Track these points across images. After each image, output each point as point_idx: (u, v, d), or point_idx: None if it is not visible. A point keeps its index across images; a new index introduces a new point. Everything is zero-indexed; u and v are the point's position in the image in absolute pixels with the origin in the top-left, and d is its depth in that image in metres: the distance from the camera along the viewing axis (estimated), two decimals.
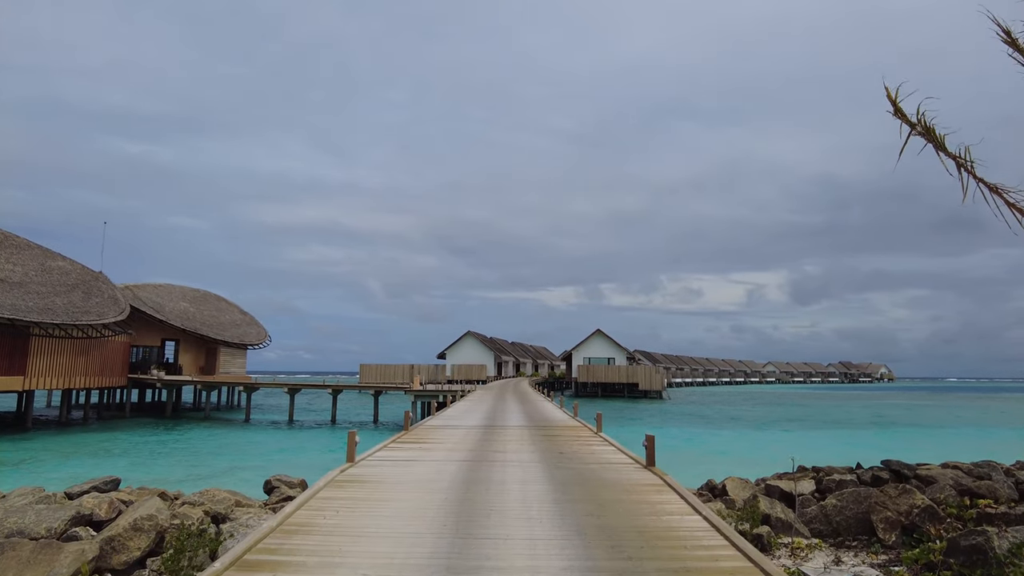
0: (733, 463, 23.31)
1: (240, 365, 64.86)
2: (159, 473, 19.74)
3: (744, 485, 10.59)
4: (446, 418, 16.81)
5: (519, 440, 11.79)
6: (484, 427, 14.46)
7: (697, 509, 6.33)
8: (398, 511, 6.29)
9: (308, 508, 6.36)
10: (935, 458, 16.00)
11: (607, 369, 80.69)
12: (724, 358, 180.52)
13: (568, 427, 14.62)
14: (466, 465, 8.88)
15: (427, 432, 13.03)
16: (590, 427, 14.27)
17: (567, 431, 13.74)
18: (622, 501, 6.76)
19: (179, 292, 64.43)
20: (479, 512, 6.28)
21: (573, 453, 10.16)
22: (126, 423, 39.82)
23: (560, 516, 6.16)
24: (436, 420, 15.95)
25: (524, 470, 8.47)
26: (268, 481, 11.32)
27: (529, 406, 23.28)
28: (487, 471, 8.39)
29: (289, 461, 22.83)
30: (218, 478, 18.04)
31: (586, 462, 9.25)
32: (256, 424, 41.27)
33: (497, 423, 15.48)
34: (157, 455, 24.87)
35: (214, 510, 8.44)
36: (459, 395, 29.27)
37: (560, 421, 16.29)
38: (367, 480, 7.65)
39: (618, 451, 10.41)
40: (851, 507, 8.69)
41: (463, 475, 8.07)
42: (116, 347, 45.84)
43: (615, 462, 9.26)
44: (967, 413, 59.49)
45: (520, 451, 10.36)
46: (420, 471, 8.34)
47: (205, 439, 31.19)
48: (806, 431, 38.93)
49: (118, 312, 47.19)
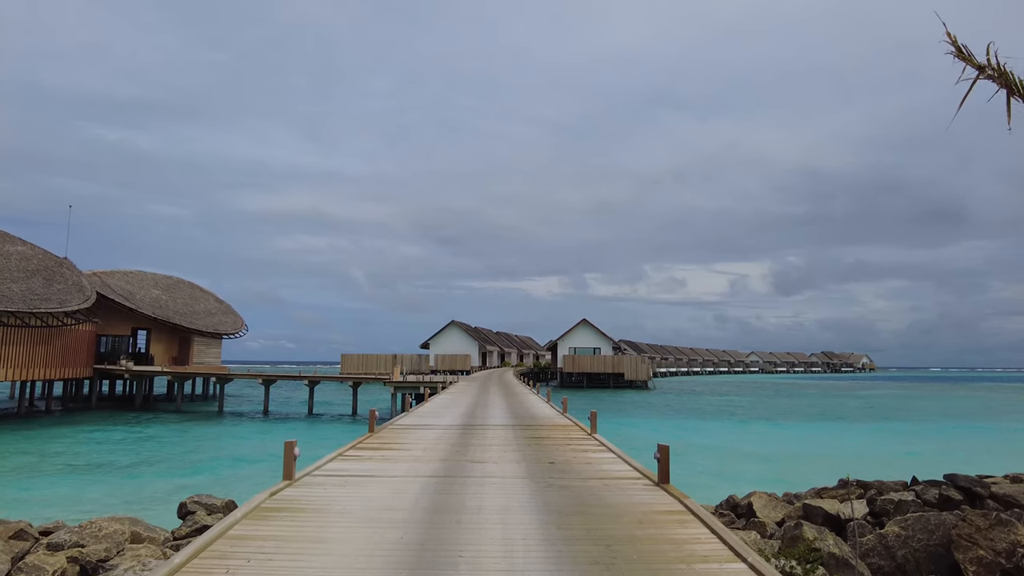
0: (735, 460, 21.84)
1: (215, 355, 62.60)
2: (90, 481, 17.66)
3: (774, 504, 8.84)
4: (421, 415, 15.08)
5: (502, 445, 10.09)
6: (463, 427, 12.75)
7: (739, 553, 4.67)
8: (336, 559, 4.57)
9: (209, 554, 4.61)
10: (967, 463, 14.61)
11: (593, 359, 79.29)
12: (708, 348, 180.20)
13: (557, 426, 12.94)
14: (434, 483, 7.13)
15: (395, 434, 11.27)
16: (582, 426, 12.60)
17: (557, 431, 12.05)
18: (636, 539, 5.07)
19: (151, 279, 61.90)
20: (444, 560, 4.57)
21: (566, 464, 8.46)
22: (89, 416, 37.64)
23: (556, 565, 4.47)
24: (409, 418, 14.20)
25: (506, 491, 6.74)
26: (183, 504, 9.10)
27: (514, 400, 21.62)
28: (460, 492, 6.64)
29: (251, 461, 20.99)
30: (149, 487, 16.02)
31: (583, 477, 7.55)
32: (229, 417, 39.29)
33: (478, 421, 13.77)
34: (103, 454, 22.76)
35: (87, 555, 6.50)
36: (440, 387, 27.52)
37: (548, 419, 14.61)
38: (303, 508, 5.89)
39: (620, 460, 8.72)
40: (920, 537, 6.99)
41: (428, 499, 6.32)
42: (80, 336, 43.52)
43: (619, 476, 7.57)
44: (968, 405, 58.70)
45: (502, 460, 8.64)
46: (375, 493, 6.58)
47: (169, 434, 29.21)
48: (804, 424, 37.54)
49: (82, 299, 44.83)
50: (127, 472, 19.24)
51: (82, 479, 18.10)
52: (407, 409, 17.07)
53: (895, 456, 23.78)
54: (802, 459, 23.01)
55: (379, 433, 11.27)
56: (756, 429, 34.50)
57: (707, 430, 33.37)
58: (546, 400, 20.40)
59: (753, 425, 36.73)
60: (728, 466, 20.55)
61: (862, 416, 44.53)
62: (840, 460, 22.62)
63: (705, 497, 11.95)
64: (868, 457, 23.58)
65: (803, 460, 22.75)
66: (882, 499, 8.73)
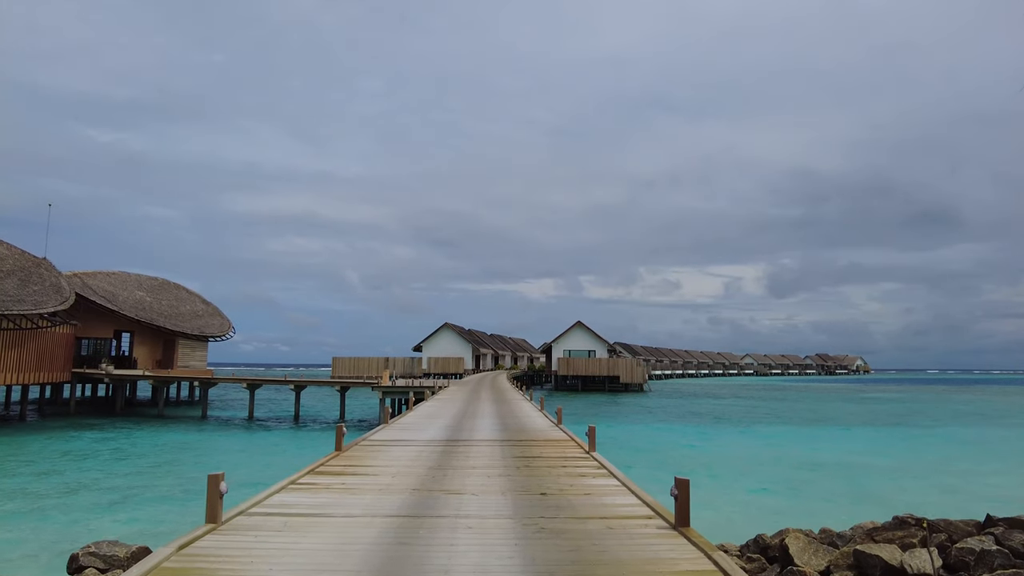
0: (746, 472, 20.37)
1: (201, 358, 61.00)
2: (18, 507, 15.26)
3: (815, 547, 7.18)
4: (401, 427, 13.66)
5: (487, 467, 8.67)
6: (446, 443, 11.35)
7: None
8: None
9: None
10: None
11: (588, 362, 77.95)
12: (702, 350, 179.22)
13: (551, 442, 11.53)
14: (396, 527, 5.68)
15: (366, 453, 9.86)
16: (579, 442, 11.21)
17: (550, 448, 10.66)
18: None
19: (135, 281, 60.28)
20: None
21: (561, 495, 7.03)
22: (63, 423, 36.04)
23: None
24: (386, 431, 12.77)
25: (484, 539, 5.28)
26: (75, 557, 7.14)
27: (505, 407, 20.22)
28: (425, 542, 5.21)
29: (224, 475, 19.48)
30: (61, 520, 12.97)
31: (582, 515, 6.13)
32: (212, 422, 37.77)
33: (463, 436, 12.36)
34: (31, 475, 19.32)
35: None
36: (428, 393, 26.11)
37: (541, 431, 13.20)
38: (214, 570, 4.48)
39: (625, 490, 7.29)
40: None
41: (383, 555, 4.87)
42: (58, 339, 41.89)
43: (626, 515, 6.15)
44: (982, 408, 57.50)
45: (485, 491, 7.20)
46: (318, 543, 5.15)
47: (140, 442, 27.67)
48: (814, 429, 36.06)
49: (59, 301, 43.24)
50: (46, 499, 15.89)
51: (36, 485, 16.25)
52: (391, 418, 15.58)
53: (931, 470, 22.12)
54: (821, 471, 21.57)
55: (348, 452, 9.85)
56: (763, 435, 33.11)
57: (710, 437, 31.99)
58: (539, 408, 19.01)
59: (759, 431, 35.36)
60: (739, 480, 19.17)
61: (877, 420, 43.22)
62: (866, 472, 21.27)
63: (724, 531, 10.56)
64: (900, 470, 22.07)
65: (822, 472, 21.33)
66: (957, 548, 7.07)
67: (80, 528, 12.58)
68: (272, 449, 25.97)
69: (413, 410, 18.56)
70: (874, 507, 14.64)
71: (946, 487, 18.58)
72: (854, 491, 17.76)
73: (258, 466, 21.28)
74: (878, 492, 17.50)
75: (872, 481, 19.55)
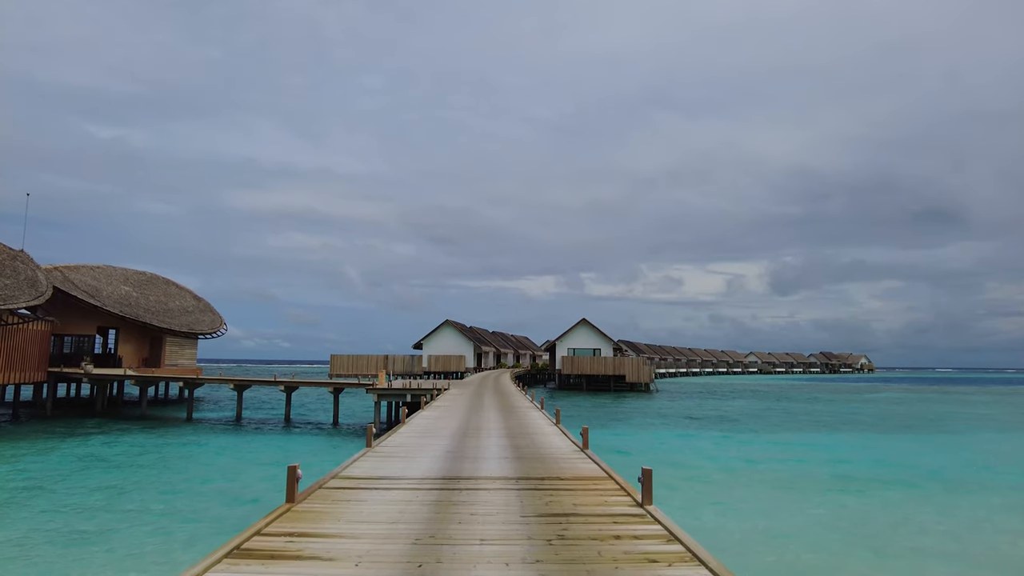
0: (802, 499, 17.59)
1: (190, 356, 58.40)
2: None
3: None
4: (387, 452, 10.94)
5: (501, 543, 5.79)
6: (440, 482, 8.60)
7: None
8: None
9: None
10: None
11: (593, 361, 75.27)
12: (706, 348, 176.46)
13: (583, 481, 8.74)
14: None
15: (327, 508, 7.08)
16: (622, 483, 8.45)
17: (584, 494, 7.91)
18: None
19: (121, 275, 57.61)
20: None
21: None
22: (34, 427, 33.33)
23: None
24: (366, 461, 9.98)
25: None
26: None
27: (513, 419, 17.51)
28: None
29: (165, 512, 16.74)
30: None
31: None
32: (197, 425, 35.11)
33: (464, 467, 9.59)
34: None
35: None
36: (425, 398, 23.37)
37: (565, 460, 10.38)
38: None
39: None
40: None
41: None
42: (32, 336, 39.22)
43: None
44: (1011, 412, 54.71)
45: None
46: None
47: (108, 449, 24.97)
48: (849, 435, 33.19)
49: (34, 295, 40.55)
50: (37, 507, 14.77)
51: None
52: (376, 437, 12.82)
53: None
54: (890, 487, 18.87)
55: (303, 504, 7.11)
56: (801, 446, 30.28)
57: (738, 446, 29.22)
58: (555, 423, 16.25)
59: (794, 439, 32.56)
60: (800, 512, 16.44)
61: (915, 426, 40.45)
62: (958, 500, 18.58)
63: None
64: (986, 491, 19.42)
65: (893, 488, 18.63)
66: None
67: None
68: (262, 455, 23.30)
69: (406, 424, 15.85)
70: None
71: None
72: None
73: (222, 496, 18.60)
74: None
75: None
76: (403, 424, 15.58)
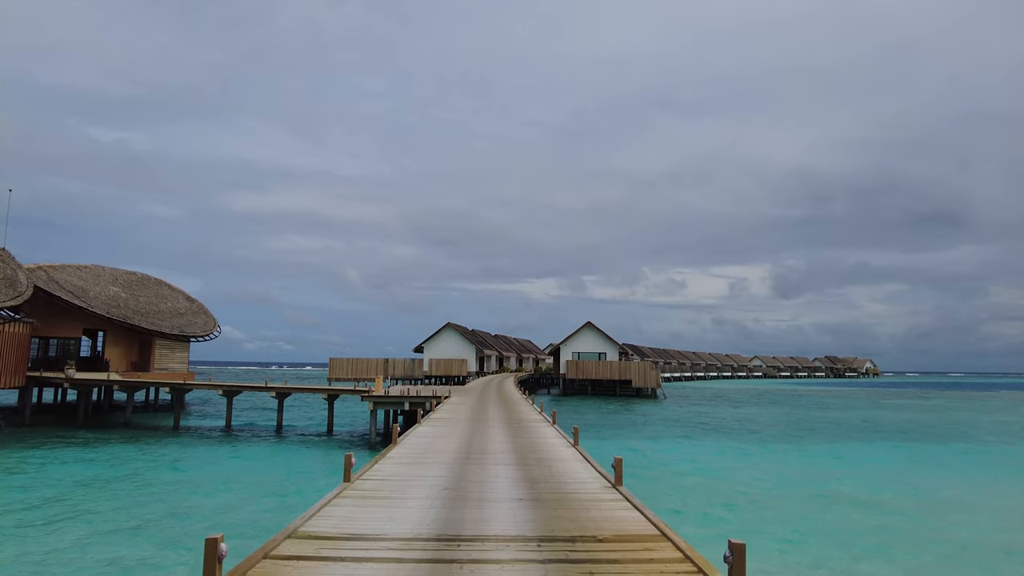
0: (839, 523, 15.33)
1: (181, 360, 56.12)
2: None
3: None
4: (367, 491, 8.69)
5: None
6: (431, 547, 6.34)
7: None
8: None
9: None
10: None
11: (598, 365, 73.00)
12: (710, 351, 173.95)
13: (623, 541, 6.48)
14: None
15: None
16: (677, 542, 6.25)
17: (636, 566, 5.72)
18: None
19: (109, 275, 55.42)
20: None
21: None
22: (11, 437, 31.07)
23: None
24: (339, 508, 7.71)
25: None
26: None
27: (524, 440, 15.30)
28: None
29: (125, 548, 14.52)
30: None
31: None
32: (184, 434, 32.89)
33: (465, 523, 7.20)
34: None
35: None
36: (423, 409, 21.11)
37: (596, 507, 8.01)
38: None
39: None
40: None
41: None
42: (9, 339, 37.04)
43: None
44: None
45: None
46: None
47: (73, 467, 22.67)
48: (886, 445, 30.74)
49: (12, 295, 38.46)
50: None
51: None
52: (355, 470, 10.47)
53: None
54: (945, 511, 16.64)
55: None
56: (832, 459, 28.07)
57: (759, 457, 26.97)
58: (572, 444, 14.02)
59: (821, 450, 30.31)
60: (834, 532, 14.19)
61: (952, 437, 38.09)
62: None
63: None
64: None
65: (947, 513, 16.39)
66: None
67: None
68: (252, 470, 20.98)
69: (397, 444, 13.64)
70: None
71: None
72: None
73: (231, 501, 16.39)
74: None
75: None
76: (394, 445, 13.37)
